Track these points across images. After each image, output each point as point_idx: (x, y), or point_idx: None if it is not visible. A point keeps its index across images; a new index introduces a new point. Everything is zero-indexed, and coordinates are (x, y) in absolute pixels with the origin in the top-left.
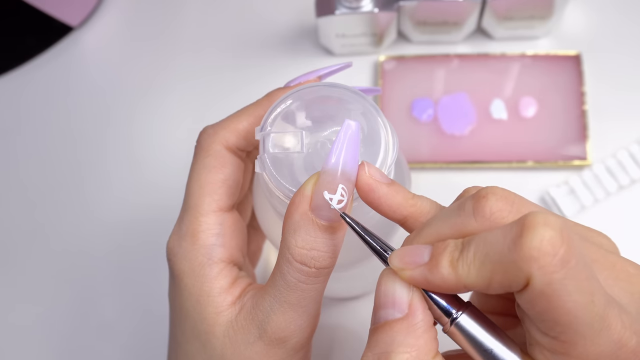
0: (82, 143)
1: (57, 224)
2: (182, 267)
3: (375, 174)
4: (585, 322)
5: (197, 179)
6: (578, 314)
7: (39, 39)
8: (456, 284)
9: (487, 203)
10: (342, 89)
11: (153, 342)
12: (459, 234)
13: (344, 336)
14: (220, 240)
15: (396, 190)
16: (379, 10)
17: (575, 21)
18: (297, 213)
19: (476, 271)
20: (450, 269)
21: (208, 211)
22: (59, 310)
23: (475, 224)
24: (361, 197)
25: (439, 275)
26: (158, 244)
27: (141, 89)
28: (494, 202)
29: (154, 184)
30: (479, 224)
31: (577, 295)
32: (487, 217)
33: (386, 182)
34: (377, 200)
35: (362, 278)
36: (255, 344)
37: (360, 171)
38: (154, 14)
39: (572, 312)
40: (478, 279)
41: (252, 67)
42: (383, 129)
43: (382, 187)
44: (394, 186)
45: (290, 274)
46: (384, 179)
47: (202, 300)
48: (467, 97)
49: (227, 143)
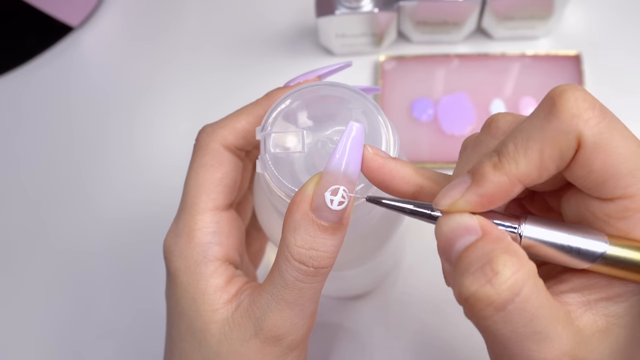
0: (82, 143)
1: (58, 224)
2: (178, 264)
3: (379, 151)
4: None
5: (195, 177)
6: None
7: (39, 39)
8: (510, 183)
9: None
10: (343, 88)
11: (152, 340)
12: None
13: (344, 336)
14: (216, 239)
15: (403, 163)
16: (379, 10)
17: (575, 21)
18: (298, 212)
19: (524, 159)
20: (497, 171)
21: (204, 209)
22: (58, 309)
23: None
24: (371, 177)
25: (489, 184)
26: (158, 242)
27: (141, 88)
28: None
29: (154, 182)
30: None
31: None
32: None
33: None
34: (388, 175)
35: (362, 278)
36: (251, 341)
37: (364, 153)
38: (154, 14)
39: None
40: (529, 165)
41: (252, 67)
42: (384, 127)
43: (390, 162)
44: (399, 160)
45: (288, 272)
46: (388, 156)
47: (198, 298)
48: (467, 97)
49: (225, 142)
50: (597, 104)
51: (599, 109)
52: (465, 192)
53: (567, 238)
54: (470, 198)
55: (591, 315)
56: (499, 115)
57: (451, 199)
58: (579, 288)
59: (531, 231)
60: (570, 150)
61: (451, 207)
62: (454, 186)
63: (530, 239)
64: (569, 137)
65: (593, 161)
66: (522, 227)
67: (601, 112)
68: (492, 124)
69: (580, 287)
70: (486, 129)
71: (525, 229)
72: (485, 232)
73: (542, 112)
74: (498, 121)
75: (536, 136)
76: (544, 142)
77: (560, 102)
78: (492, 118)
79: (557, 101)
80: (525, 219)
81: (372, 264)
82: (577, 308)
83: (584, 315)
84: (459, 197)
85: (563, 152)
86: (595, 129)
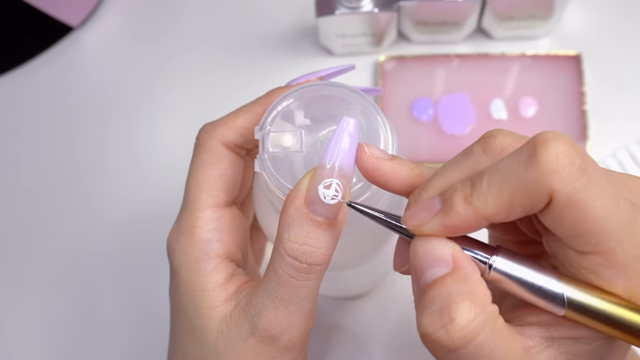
0: (82, 143)
1: (58, 224)
2: (180, 261)
3: (376, 152)
4: (618, 226)
5: (195, 175)
6: (609, 219)
7: (39, 39)
8: (476, 218)
9: (496, 140)
10: (342, 88)
11: (154, 340)
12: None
13: (343, 336)
14: (217, 236)
15: (400, 164)
16: (379, 10)
17: (575, 21)
18: (292, 207)
19: (494, 199)
20: (467, 205)
21: (205, 207)
22: (60, 309)
23: (487, 161)
24: (367, 178)
25: (457, 216)
26: (159, 242)
27: (141, 88)
28: (502, 138)
29: (155, 182)
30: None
31: (603, 200)
32: (498, 152)
33: (388, 157)
34: (383, 177)
35: (361, 278)
36: (247, 340)
37: (361, 152)
38: (154, 14)
39: (603, 218)
40: (498, 206)
41: (252, 67)
42: (382, 127)
43: (386, 163)
44: (396, 160)
45: (281, 268)
46: (385, 155)
47: (198, 294)
48: (467, 97)
49: (224, 139)
50: (577, 159)
51: (579, 166)
52: (432, 218)
53: (536, 277)
54: (434, 226)
55: (552, 351)
56: (499, 134)
57: (418, 222)
58: (545, 323)
59: (501, 264)
60: (542, 203)
61: (416, 229)
62: (423, 208)
63: (499, 272)
64: (542, 192)
65: (564, 217)
66: (494, 259)
67: (580, 170)
68: (489, 140)
69: (547, 322)
70: (483, 142)
71: (497, 261)
72: (456, 266)
73: (522, 156)
74: (495, 139)
75: (511, 181)
76: (516, 189)
77: (540, 153)
78: (491, 133)
79: (538, 151)
80: (499, 252)
81: (372, 263)
82: (539, 343)
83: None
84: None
85: (534, 203)
86: (570, 187)
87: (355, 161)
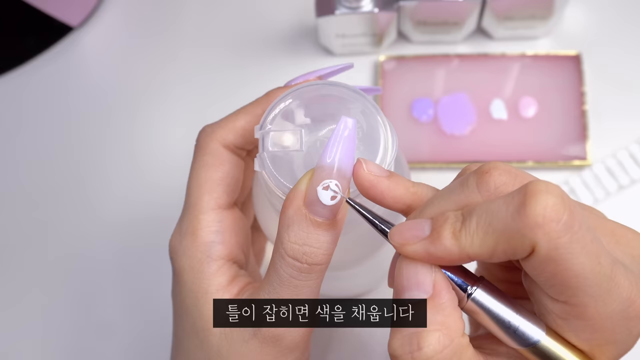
0: (82, 143)
1: (58, 224)
2: (182, 264)
3: (373, 169)
4: (594, 283)
5: (196, 177)
6: (587, 276)
7: (39, 39)
8: (459, 254)
9: (491, 177)
10: (342, 87)
11: (154, 341)
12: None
13: (343, 336)
14: (220, 238)
15: (396, 182)
16: (379, 10)
17: (575, 21)
18: (291, 208)
19: (480, 241)
20: (453, 240)
21: (207, 209)
22: (60, 311)
23: (480, 198)
24: (363, 194)
25: (442, 247)
26: (160, 244)
27: (141, 88)
28: (497, 176)
29: (155, 183)
30: (484, 198)
31: (583, 258)
32: (491, 191)
33: (385, 175)
34: (379, 195)
35: (362, 277)
36: (250, 341)
37: (358, 169)
38: (154, 14)
39: (581, 275)
40: (482, 248)
41: (252, 67)
42: (382, 127)
43: (383, 181)
44: (394, 178)
45: (282, 269)
46: (383, 172)
47: (200, 296)
48: (467, 97)
49: (225, 141)
50: (564, 215)
51: (564, 222)
52: (418, 242)
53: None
54: (418, 250)
55: None
56: (495, 172)
57: (403, 241)
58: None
59: (480, 296)
60: (524, 253)
61: (400, 247)
62: (413, 228)
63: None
64: (525, 243)
65: (543, 269)
66: (474, 289)
67: (565, 226)
68: (485, 177)
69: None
70: (478, 177)
71: (477, 292)
72: (435, 294)
73: (512, 204)
74: (490, 177)
75: (497, 226)
76: (501, 236)
77: (529, 204)
78: (489, 168)
79: (527, 202)
80: (480, 284)
81: (372, 263)
82: None
83: None
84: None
85: (516, 251)
86: (552, 243)
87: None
